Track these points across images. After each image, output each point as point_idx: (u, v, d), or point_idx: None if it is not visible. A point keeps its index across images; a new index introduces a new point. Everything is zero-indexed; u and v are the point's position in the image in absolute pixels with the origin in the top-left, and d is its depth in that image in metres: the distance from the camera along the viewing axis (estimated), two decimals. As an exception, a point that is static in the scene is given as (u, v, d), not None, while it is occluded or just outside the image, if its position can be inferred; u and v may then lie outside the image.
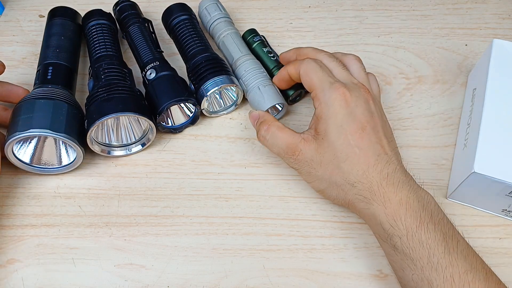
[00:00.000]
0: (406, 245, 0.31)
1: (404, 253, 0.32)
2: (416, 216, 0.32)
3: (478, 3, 0.55)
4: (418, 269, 0.31)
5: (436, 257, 0.30)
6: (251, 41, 0.49)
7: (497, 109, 0.38)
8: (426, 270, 0.30)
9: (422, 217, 0.32)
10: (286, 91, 0.46)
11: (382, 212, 0.33)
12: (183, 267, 0.38)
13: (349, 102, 0.35)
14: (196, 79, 0.44)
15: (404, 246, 0.31)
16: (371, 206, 0.34)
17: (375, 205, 0.33)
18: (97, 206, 0.41)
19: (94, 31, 0.48)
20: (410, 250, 0.31)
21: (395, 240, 0.32)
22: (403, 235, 0.32)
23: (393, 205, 0.33)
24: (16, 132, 0.37)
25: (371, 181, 0.34)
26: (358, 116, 0.35)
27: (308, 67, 0.38)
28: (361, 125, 0.35)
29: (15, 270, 0.38)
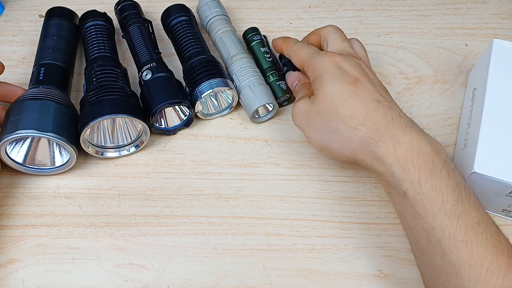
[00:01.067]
0: (418, 191, 0.30)
1: (415, 200, 0.30)
2: (429, 161, 0.30)
3: (478, 3, 0.55)
4: (430, 216, 0.29)
5: (449, 204, 0.29)
6: (250, 39, 0.49)
7: (497, 109, 0.38)
8: (439, 218, 0.29)
9: (435, 162, 0.30)
10: (275, 93, 0.46)
11: (392, 154, 0.31)
12: (183, 267, 0.38)
13: (340, 62, 0.36)
14: (191, 81, 0.44)
15: (415, 192, 0.30)
16: (379, 148, 0.32)
17: (383, 147, 0.31)
18: (97, 206, 0.41)
19: (89, 33, 0.48)
20: (422, 196, 0.30)
21: (406, 186, 0.30)
22: (415, 180, 0.30)
23: (404, 147, 0.31)
24: (5, 135, 0.37)
25: (376, 122, 0.32)
26: (350, 71, 0.36)
27: (295, 47, 0.42)
28: (355, 77, 0.35)
29: (15, 270, 0.38)
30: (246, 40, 0.50)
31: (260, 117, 0.46)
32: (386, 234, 0.39)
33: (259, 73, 0.46)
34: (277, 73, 0.47)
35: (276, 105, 0.45)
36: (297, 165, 0.43)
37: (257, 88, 0.44)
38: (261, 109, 0.45)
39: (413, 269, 0.37)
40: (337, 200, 0.41)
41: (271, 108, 0.45)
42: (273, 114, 0.46)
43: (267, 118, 0.46)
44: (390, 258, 0.38)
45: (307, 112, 0.37)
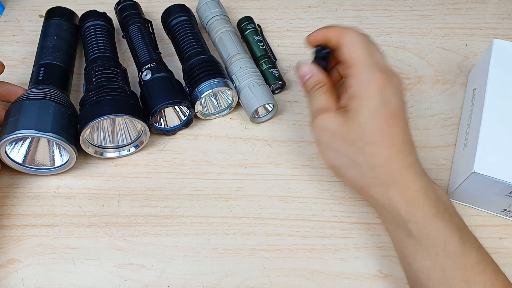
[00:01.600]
0: (422, 231, 0.31)
1: (419, 239, 0.32)
2: (433, 205, 0.32)
3: (478, 3, 0.55)
4: (432, 255, 0.31)
5: (451, 245, 0.31)
6: (244, 28, 0.50)
7: (497, 109, 0.38)
8: (440, 257, 0.31)
9: (438, 207, 0.32)
10: (268, 80, 0.46)
11: (400, 198, 0.33)
12: (183, 267, 0.38)
13: (387, 89, 0.34)
14: (191, 81, 0.44)
15: (420, 232, 0.32)
16: (389, 191, 0.33)
17: (393, 191, 0.33)
18: (97, 206, 0.41)
19: (88, 33, 0.48)
20: (426, 236, 0.31)
21: (411, 226, 0.32)
22: (420, 221, 0.32)
23: (412, 193, 0.32)
24: (4, 135, 0.37)
25: (393, 167, 0.33)
26: (393, 104, 0.34)
27: (356, 39, 0.35)
28: (395, 112, 0.34)
29: (15, 270, 0.38)
30: (240, 29, 0.50)
31: (260, 117, 0.46)
32: (386, 234, 0.39)
33: (258, 73, 0.46)
34: (270, 60, 0.48)
35: (276, 105, 0.45)
36: (297, 165, 0.43)
37: (256, 88, 0.44)
38: (261, 109, 0.46)
39: (413, 269, 0.37)
40: (337, 200, 0.41)
41: (271, 108, 0.46)
42: (273, 114, 0.46)
43: (267, 118, 0.46)
44: (390, 258, 0.38)
45: (334, 132, 0.35)
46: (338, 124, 0.35)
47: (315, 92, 0.37)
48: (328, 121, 0.35)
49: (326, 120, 0.35)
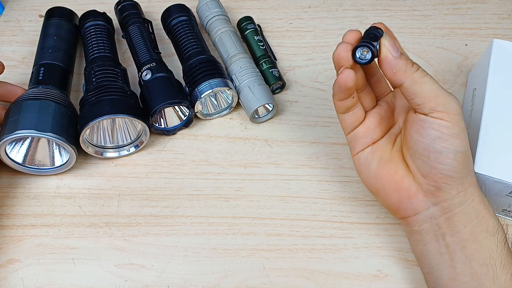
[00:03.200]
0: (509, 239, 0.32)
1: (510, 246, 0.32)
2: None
3: (478, 3, 0.55)
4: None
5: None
6: (244, 28, 0.50)
7: (497, 109, 0.38)
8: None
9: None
10: (268, 80, 0.46)
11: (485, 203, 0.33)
12: (183, 267, 0.38)
13: None
14: (191, 81, 0.44)
15: (509, 239, 0.32)
16: (485, 198, 0.33)
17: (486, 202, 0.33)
18: (97, 206, 0.41)
19: (88, 33, 0.48)
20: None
21: (503, 233, 0.32)
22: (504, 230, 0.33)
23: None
24: (4, 135, 0.37)
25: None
26: None
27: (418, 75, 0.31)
28: None
29: (15, 270, 0.38)
30: (240, 29, 0.50)
31: (260, 117, 0.46)
32: (386, 234, 0.39)
33: (258, 73, 0.46)
34: (270, 60, 0.48)
35: (276, 105, 0.45)
36: (297, 165, 0.43)
37: (256, 88, 0.44)
38: (261, 109, 0.46)
39: (413, 269, 0.37)
40: (337, 200, 0.41)
41: (271, 108, 0.46)
42: (273, 114, 0.46)
43: (267, 118, 0.46)
44: (390, 258, 0.38)
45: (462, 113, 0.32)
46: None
47: (425, 72, 0.31)
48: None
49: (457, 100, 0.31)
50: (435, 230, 0.33)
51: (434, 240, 0.33)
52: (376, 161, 0.35)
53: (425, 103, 0.30)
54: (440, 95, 0.30)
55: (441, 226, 0.32)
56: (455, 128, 0.30)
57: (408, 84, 0.30)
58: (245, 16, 0.51)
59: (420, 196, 0.33)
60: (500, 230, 0.32)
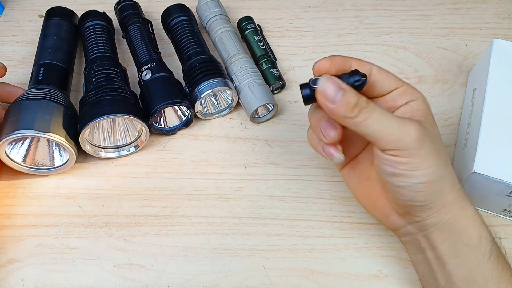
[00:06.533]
0: (499, 253, 0.31)
1: (497, 262, 0.30)
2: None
3: (478, 3, 0.55)
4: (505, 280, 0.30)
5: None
6: (244, 28, 0.50)
7: (497, 109, 0.38)
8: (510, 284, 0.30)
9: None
10: (268, 80, 0.46)
11: (479, 217, 0.32)
12: (183, 267, 0.38)
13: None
14: (191, 81, 0.44)
15: (498, 254, 0.31)
16: (469, 210, 0.32)
17: (472, 210, 0.32)
18: (97, 206, 0.41)
19: (88, 32, 0.48)
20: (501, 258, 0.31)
21: (491, 247, 0.31)
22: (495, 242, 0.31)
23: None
24: (4, 135, 0.37)
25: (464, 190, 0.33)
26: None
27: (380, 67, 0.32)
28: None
29: (15, 270, 0.38)
30: (240, 29, 0.50)
31: (260, 117, 0.46)
32: (386, 234, 0.39)
33: (258, 73, 0.46)
34: (270, 60, 0.48)
35: (276, 105, 0.45)
36: (297, 165, 0.43)
37: (256, 88, 0.44)
38: (261, 109, 0.46)
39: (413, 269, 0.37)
40: (337, 200, 0.41)
41: (271, 108, 0.46)
42: (273, 114, 0.46)
43: (267, 118, 0.46)
44: (390, 258, 0.38)
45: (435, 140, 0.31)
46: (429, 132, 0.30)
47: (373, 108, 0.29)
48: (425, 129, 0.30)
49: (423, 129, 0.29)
50: (417, 244, 0.33)
51: (419, 252, 0.33)
52: (355, 178, 0.35)
53: (375, 142, 0.29)
54: (389, 133, 0.29)
55: (420, 242, 0.32)
56: (411, 163, 0.29)
57: (353, 127, 0.29)
58: (245, 16, 0.51)
59: (395, 215, 0.33)
60: (485, 242, 0.31)
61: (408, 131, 0.29)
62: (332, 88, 0.28)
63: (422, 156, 0.29)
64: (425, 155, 0.29)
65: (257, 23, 0.51)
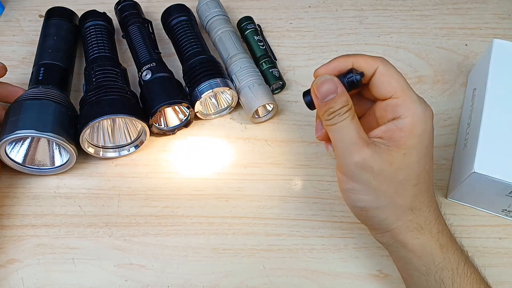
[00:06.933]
0: (456, 279, 0.30)
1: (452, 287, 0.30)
2: (461, 249, 0.32)
3: (478, 3, 0.55)
4: None
5: None
6: (244, 28, 0.50)
7: (497, 109, 0.38)
8: None
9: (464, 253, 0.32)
10: (268, 80, 0.46)
11: (435, 243, 0.31)
12: (183, 267, 0.38)
13: (432, 122, 0.31)
14: (191, 81, 0.44)
15: (454, 280, 0.30)
16: (423, 236, 0.31)
17: (427, 235, 0.31)
18: (97, 206, 0.41)
19: (88, 33, 0.48)
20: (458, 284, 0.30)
21: (445, 274, 0.30)
22: (454, 268, 0.30)
23: (446, 236, 0.31)
24: (4, 135, 0.37)
25: (430, 210, 0.31)
26: (431, 136, 0.31)
27: (392, 67, 0.31)
28: (432, 142, 0.31)
29: (15, 270, 0.38)
30: (240, 29, 0.50)
31: (260, 117, 0.46)
32: (386, 234, 0.39)
33: (258, 73, 0.46)
34: (270, 60, 0.48)
35: (276, 105, 0.45)
36: (297, 165, 0.43)
37: (256, 88, 0.44)
38: (261, 109, 0.46)
39: (413, 269, 0.37)
40: (337, 200, 0.41)
41: (270, 108, 0.46)
42: (273, 114, 0.46)
43: (267, 118, 0.46)
44: (390, 258, 0.38)
45: (378, 171, 0.29)
46: (384, 163, 0.29)
47: (344, 118, 0.30)
48: (371, 159, 0.29)
49: (370, 156, 0.29)
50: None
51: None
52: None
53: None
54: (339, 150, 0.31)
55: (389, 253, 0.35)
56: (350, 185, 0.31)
57: (325, 128, 0.32)
58: (245, 16, 0.51)
59: None
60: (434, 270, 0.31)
61: (351, 155, 0.30)
62: (327, 88, 0.30)
63: (361, 184, 0.30)
64: (364, 183, 0.30)
65: (257, 23, 0.51)
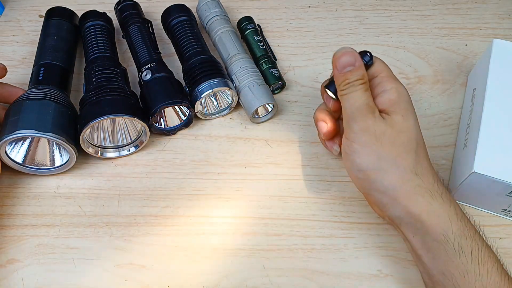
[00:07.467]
0: (474, 247, 0.30)
1: (472, 256, 0.30)
2: (474, 223, 0.32)
3: (478, 3, 0.55)
4: (484, 274, 0.29)
5: (499, 263, 0.30)
6: (244, 28, 0.50)
7: (497, 109, 0.38)
8: (492, 276, 0.29)
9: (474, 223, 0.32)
10: (268, 80, 0.46)
11: (450, 209, 0.31)
12: (183, 267, 0.38)
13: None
14: (191, 81, 0.44)
15: (473, 248, 0.30)
16: (435, 202, 0.31)
17: (439, 201, 0.31)
18: (97, 206, 0.41)
19: (88, 33, 0.48)
20: (478, 252, 0.30)
21: (464, 242, 0.30)
22: (472, 236, 0.30)
23: (456, 206, 0.31)
24: (4, 135, 0.37)
25: (434, 177, 0.32)
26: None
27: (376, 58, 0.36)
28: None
29: (15, 270, 0.38)
30: (240, 29, 0.50)
31: (260, 117, 0.46)
32: (386, 234, 0.39)
33: (258, 73, 0.46)
34: (270, 60, 0.48)
35: (276, 105, 0.45)
36: (297, 165, 0.43)
37: (256, 88, 0.44)
38: (261, 109, 0.46)
39: (413, 269, 0.37)
40: (337, 200, 0.41)
41: (270, 108, 0.46)
42: (273, 114, 0.46)
43: (267, 118, 0.46)
44: (390, 258, 0.38)
45: (382, 133, 0.32)
46: (386, 126, 0.32)
47: (357, 89, 0.33)
48: (374, 123, 0.32)
49: (372, 122, 0.32)
50: (400, 234, 0.34)
51: (404, 241, 0.34)
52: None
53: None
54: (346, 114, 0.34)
55: (400, 233, 0.34)
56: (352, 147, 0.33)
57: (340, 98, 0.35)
58: (245, 16, 0.51)
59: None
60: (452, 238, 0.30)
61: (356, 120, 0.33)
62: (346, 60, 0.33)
63: (364, 145, 0.33)
64: (367, 145, 0.32)
65: (257, 23, 0.51)
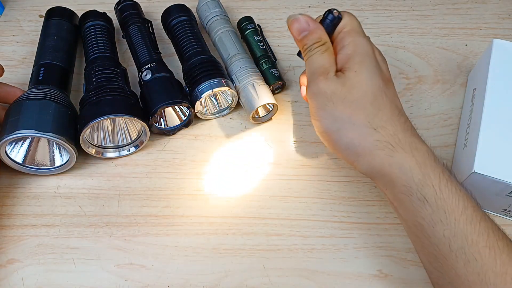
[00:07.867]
0: (439, 196, 0.29)
1: (437, 205, 0.29)
2: (443, 168, 0.31)
3: (478, 3, 0.55)
4: (452, 222, 0.29)
5: (469, 210, 0.29)
6: (244, 28, 0.50)
7: (497, 109, 0.38)
8: (461, 223, 0.29)
9: (447, 170, 0.31)
10: (268, 80, 0.46)
11: (411, 159, 0.31)
12: (183, 267, 0.38)
13: (377, 55, 0.35)
14: (191, 82, 0.44)
15: (437, 197, 0.29)
16: (396, 153, 0.31)
17: (401, 153, 0.31)
18: (97, 206, 0.41)
19: (88, 33, 0.48)
20: (443, 201, 0.29)
21: (427, 191, 0.30)
22: (436, 184, 0.30)
23: (422, 154, 0.31)
24: (4, 135, 0.37)
25: (396, 128, 0.32)
26: (384, 70, 0.35)
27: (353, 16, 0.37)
28: (387, 77, 0.35)
29: (15, 270, 0.38)
30: (240, 29, 0.50)
31: (260, 117, 0.46)
32: (386, 234, 0.39)
33: (258, 73, 0.46)
34: (270, 60, 0.48)
35: (276, 105, 0.45)
36: (297, 165, 0.43)
37: (257, 88, 0.44)
38: (261, 109, 0.46)
39: (413, 269, 0.37)
40: (337, 200, 0.41)
41: (271, 108, 0.46)
42: (273, 114, 0.46)
43: (267, 118, 0.46)
44: (390, 258, 0.38)
45: (333, 94, 0.33)
46: (337, 85, 0.33)
47: (314, 53, 0.34)
48: (325, 84, 0.33)
49: (323, 84, 0.33)
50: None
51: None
52: None
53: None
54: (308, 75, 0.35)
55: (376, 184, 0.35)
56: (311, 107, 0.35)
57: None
58: (245, 16, 0.51)
59: None
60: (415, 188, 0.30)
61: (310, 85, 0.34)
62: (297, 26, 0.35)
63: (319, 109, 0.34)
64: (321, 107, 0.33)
65: (257, 23, 0.51)
